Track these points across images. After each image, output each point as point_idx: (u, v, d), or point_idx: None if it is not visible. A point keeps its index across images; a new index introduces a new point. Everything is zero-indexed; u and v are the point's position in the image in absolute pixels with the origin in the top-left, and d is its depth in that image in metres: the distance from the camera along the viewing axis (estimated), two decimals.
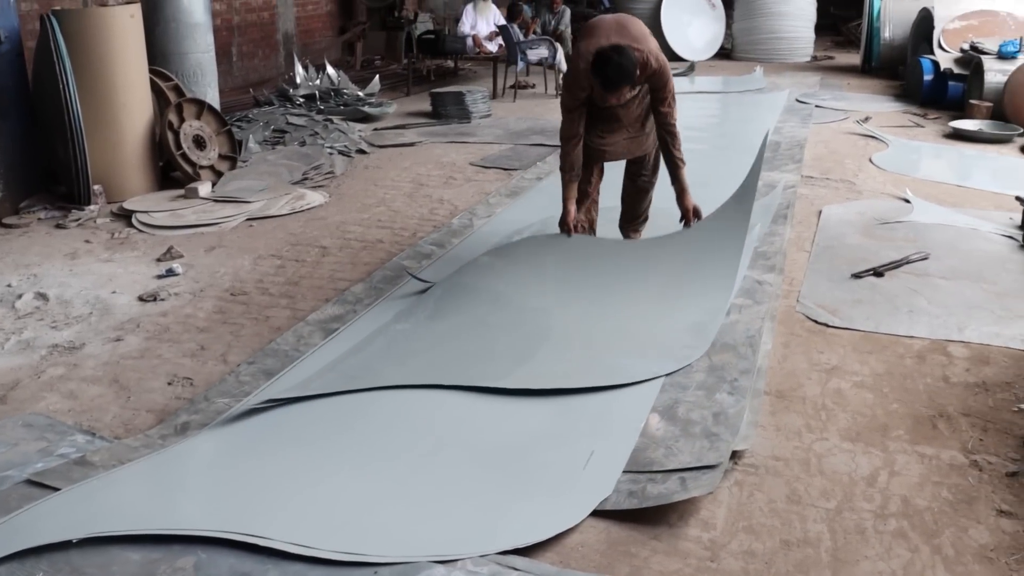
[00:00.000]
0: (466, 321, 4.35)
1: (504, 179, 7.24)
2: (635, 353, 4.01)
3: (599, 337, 4.19)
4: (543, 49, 11.49)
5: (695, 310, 4.38)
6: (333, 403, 3.60)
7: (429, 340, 4.19)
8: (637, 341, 4.14)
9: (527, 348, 4.07)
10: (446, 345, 4.12)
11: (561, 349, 4.08)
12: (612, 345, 4.10)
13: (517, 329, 4.25)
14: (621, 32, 4.56)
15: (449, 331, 4.27)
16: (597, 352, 4.04)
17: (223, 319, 4.57)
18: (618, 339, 4.16)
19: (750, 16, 15.03)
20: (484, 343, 4.13)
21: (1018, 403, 3.64)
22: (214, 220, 6.14)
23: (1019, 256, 5.39)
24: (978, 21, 11.02)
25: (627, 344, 4.11)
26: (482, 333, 4.23)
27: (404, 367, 3.90)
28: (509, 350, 4.05)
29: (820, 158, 7.84)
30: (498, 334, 4.21)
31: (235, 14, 11.65)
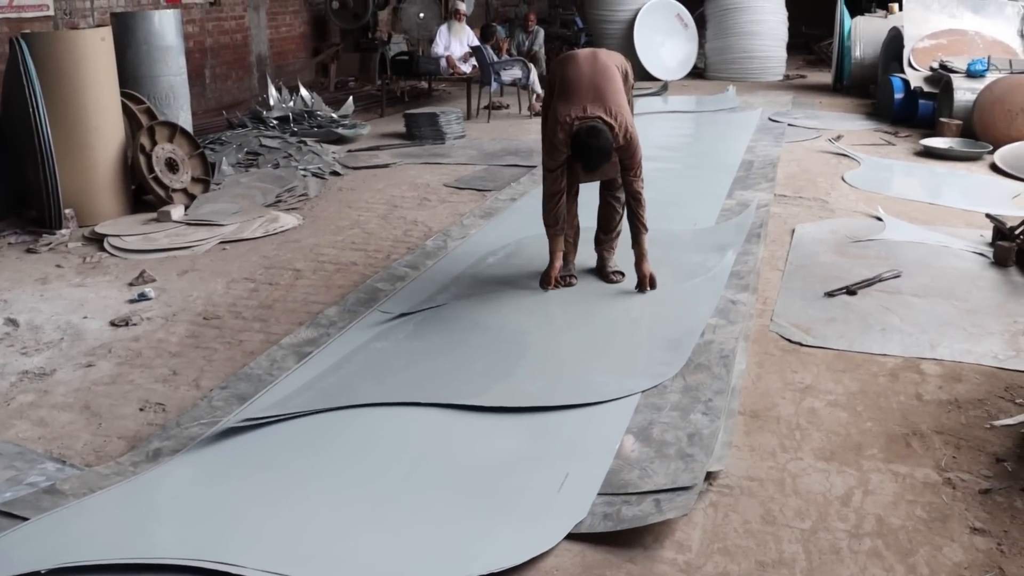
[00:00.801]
0: (444, 340, 4.42)
1: (478, 200, 7.24)
2: (610, 371, 4.06)
3: (575, 355, 4.27)
4: (516, 70, 11.52)
5: (671, 328, 4.48)
6: (307, 426, 3.59)
7: (407, 359, 4.24)
8: (612, 359, 4.22)
9: (504, 366, 4.14)
10: (424, 364, 4.16)
11: (538, 367, 4.15)
12: (588, 363, 4.16)
13: (495, 348, 4.33)
14: (598, 97, 4.69)
15: (427, 350, 4.32)
16: (573, 370, 4.09)
17: (196, 344, 4.53)
18: (594, 356, 4.23)
19: (722, 36, 15.14)
20: (462, 362, 4.18)
21: (990, 420, 3.66)
22: (187, 243, 6.10)
23: (989, 273, 5.44)
24: (947, 40, 11.15)
25: (603, 362, 4.17)
26: (460, 352, 4.29)
27: (383, 385, 3.93)
28: (487, 368, 4.11)
29: (793, 176, 7.89)
30: (476, 352, 4.28)
31: (208, 36, 11.63)
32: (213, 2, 11.68)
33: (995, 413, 3.72)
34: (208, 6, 11.60)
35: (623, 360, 4.22)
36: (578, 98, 4.69)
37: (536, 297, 4.84)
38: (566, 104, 4.70)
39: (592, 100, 4.68)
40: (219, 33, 11.88)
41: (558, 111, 4.70)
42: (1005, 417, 3.68)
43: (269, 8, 12.96)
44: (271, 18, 13.03)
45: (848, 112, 11.68)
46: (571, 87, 4.76)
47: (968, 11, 11.75)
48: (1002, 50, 10.90)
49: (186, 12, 11.04)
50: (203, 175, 7.23)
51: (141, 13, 8.27)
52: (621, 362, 4.19)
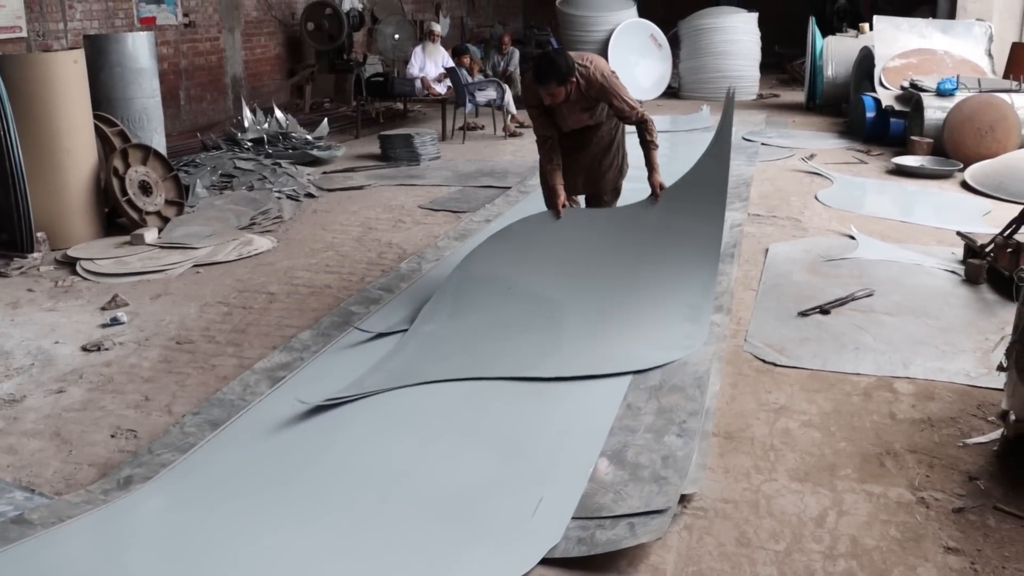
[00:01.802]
0: (485, 319, 4.74)
1: (453, 222, 7.24)
2: (645, 344, 4.51)
3: (610, 330, 4.64)
4: (491, 91, 11.54)
5: (688, 291, 4.90)
6: (280, 450, 3.58)
7: (457, 341, 4.59)
8: (644, 332, 4.64)
9: (549, 342, 4.53)
10: (475, 345, 4.54)
11: (579, 342, 4.54)
12: (624, 337, 4.58)
13: (534, 324, 4.67)
14: (580, 56, 5.07)
15: (472, 331, 4.67)
16: (611, 345, 4.51)
17: (168, 368, 4.50)
18: (628, 331, 4.64)
19: (696, 56, 15.22)
20: (508, 342, 4.54)
21: (963, 438, 3.68)
22: (160, 267, 6.07)
23: (961, 291, 5.48)
24: (917, 59, 11.26)
25: (637, 335, 4.60)
26: (503, 332, 4.63)
27: (446, 363, 4.34)
28: (533, 346, 4.48)
29: (766, 196, 7.94)
30: (517, 332, 4.62)
31: (182, 58, 11.61)
32: (188, 24, 11.67)
33: (967, 431, 3.74)
34: (183, 28, 11.58)
35: (654, 334, 4.62)
36: None
37: (561, 260, 4.99)
38: None
39: (575, 57, 5.03)
40: (194, 55, 11.86)
41: None
42: (977, 435, 3.70)
43: (244, 30, 12.95)
44: (246, 40, 13.03)
45: (821, 131, 11.76)
46: None
47: (937, 31, 11.88)
48: (971, 69, 11.02)
49: (161, 34, 11.02)
50: (177, 198, 7.20)
51: (114, 35, 8.24)
52: (652, 335, 4.60)
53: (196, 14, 11.86)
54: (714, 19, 15.34)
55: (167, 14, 11.28)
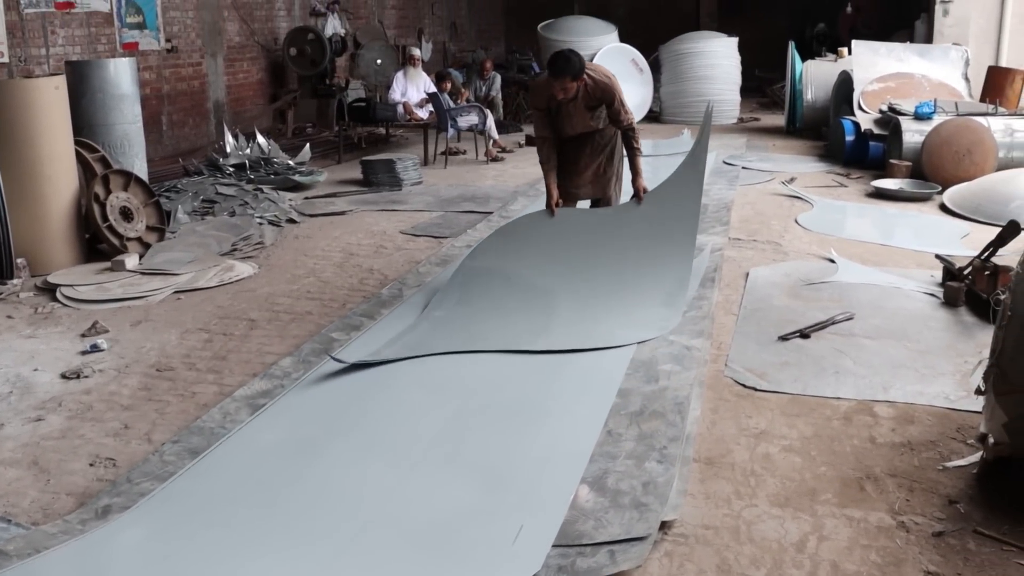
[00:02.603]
0: (487, 304, 5.35)
1: (435, 247, 7.24)
2: (625, 324, 5.10)
3: (595, 312, 5.23)
4: (473, 116, 11.57)
5: (665, 281, 5.50)
6: (260, 481, 3.57)
7: (462, 322, 5.21)
8: (626, 313, 5.23)
9: (542, 323, 5.12)
10: (477, 325, 5.14)
11: (567, 323, 5.13)
12: (606, 317, 5.18)
13: (529, 307, 5.28)
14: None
15: (476, 313, 5.28)
16: (595, 324, 5.10)
17: (148, 396, 4.48)
18: (610, 313, 5.22)
19: (677, 80, 15.31)
20: (506, 320, 5.14)
21: (942, 462, 3.70)
22: (141, 293, 6.05)
23: (940, 313, 5.51)
24: (895, 83, 11.37)
25: (618, 316, 5.19)
26: (502, 314, 5.23)
27: (453, 338, 4.97)
28: (528, 323, 5.10)
29: (747, 220, 7.97)
30: (514, 314, 5.22)
31: (165, 83, 11.60)
32: (170, 49, 11.67)
33: (947, 454, 3.76)
34: (165, 53, 11.58)
35: (634, 315, 5.22)
36: None
37: (555, 252, 5.57)
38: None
39: None
40: (176, 80, 11.85)
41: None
42: (957, 458, 3.72)
43: (227, 55, 12.96)
44: (228, 65, 13.03)
45: (801, 154, 11.83)
46: None
47: (915, 55, 12.00)
48: (948, 92, 11.13)
49: (143, 59, 11.02)
50: (158, 224, 7.20)
51: (96, 61, 8.25)
52: (633, 317, 5.20)
53: (179, 39, 11.86)
54: (694, 44, 15.44)
55: (150, 39, 11.28)
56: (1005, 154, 9.37)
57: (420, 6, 19.29)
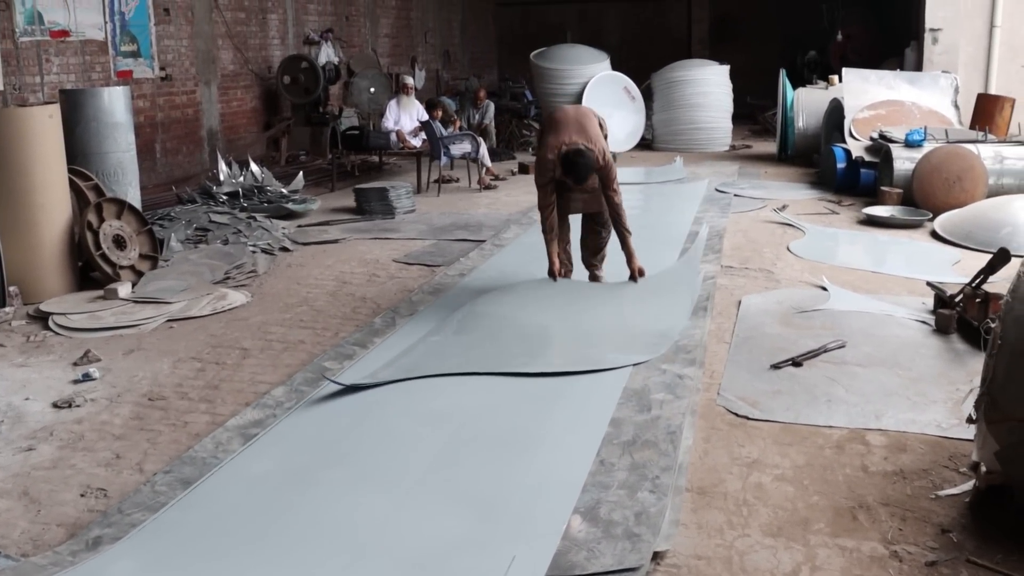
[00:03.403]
0: (484, 335, 5.54)
1: (427, 276, 7.24)
2: (617, 350, 5.27)
3: (587, 340, 5.46)
4: (466, 144, 11.60)
5: (658, 320, 5.74)
6: (251, 510, 3.56)
7: (460, 347, 5.37)
8: (617, 341, 5.47)
9: (536, 348, 5.32)
10: (474, 350, 5.28)
11: (563, 349, 5.39)
12: (598, 345, 5.39)
13: (525, 335, 5.52)
14: (581, 131, 5.93)
15: (473, 340, 5.47)
16: (587, 350, 5.30)
17: (140, 425, 4.47)
18: (603, 341, 5.45)
19: (669, 108, 15.38)
20: (503, 347, 5.32)
21: (935, 490, 3.70)
22: (133, 322, 6.05)
23: (932, 341, 5.52)
24: (885, 111, 11.44)
25: (610, 344, 5.41)
26: (499, 340, 5.43)
27: (448, 361, 5.08)
28: (524, 349, 5.27)
29: (739, 247, 8.00)
30: (511, 340, 5.43)
31: (159, 111, 11.65)
32: (165, 77, 11.72)
33: (940, 483, 3.76)
34: (160, 81, 11.63)
35: (625, 341, 5.45)
36: (565, 132, 5.92)
37: (552, 303, 5.96)
38: (555, 136, 5.93)
39: (576, 133, 5.91)
40: (170, 108, 11.90)
41: (548, 141, 5.96)
42: (950, 487, 3.72)
43: (221, 83, 13.02)
44: (222, 93, 13.08)
45: (793, 181, 11.88)
46: (559, 124, 6.03)
47: (905, 83, 12.09)
48: (938, 120, 11.20)
49: (137, 87, 11.06)
50: (151, 252, 7.20)
51: (90, 90, 8.28)
52: (624, 343, 5.42)
53: (173, 67, 11.92)
54: (686, 72, 15.52)
55: (144, 68, 11.33)
56: (995, 181, 9.42)
57: (413, 34, 19.41)
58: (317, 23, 15.42)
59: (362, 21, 17.22)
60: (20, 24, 9.32)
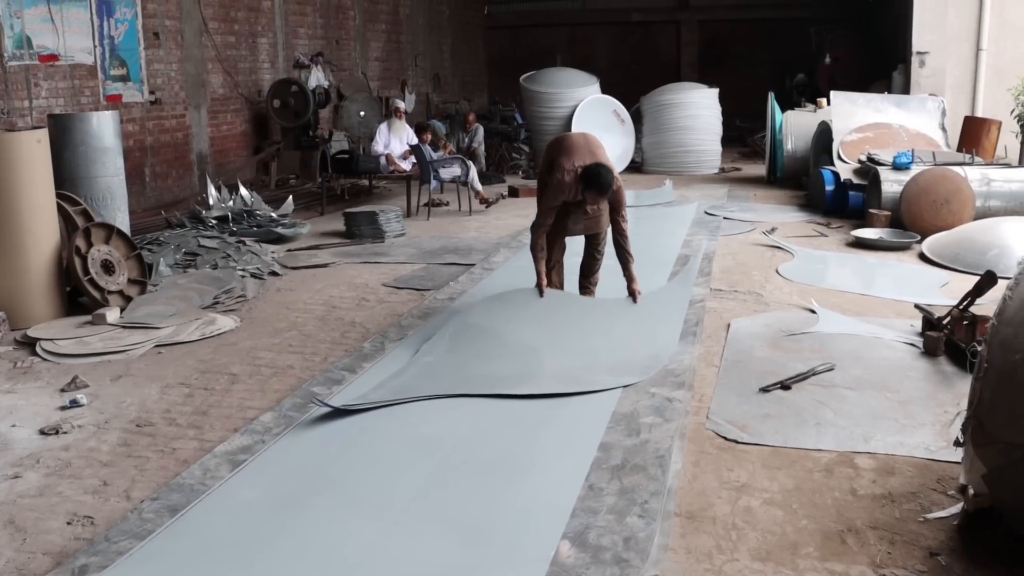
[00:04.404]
0: (475, 354, 5.60)
1: (417, 300, 7.23)
2: (607, 372, 5.31)
3: (578, 362, 5.48)
4: (456, 167, 11.62)
5: (650, 346, 5.76)
6: (240, 539, 3.54)
7: (450, 368, 5.43)
8: (607, 363, 5.47)
9: (527, 370, 5.36)
10: (465, 371, 5.36)
11: (553, 371, 5.36)
12: (590, 367, 5.40)
13: (516, 356, 5.54)
14: (592, 155, 6.04)
15: (464, 361, 5.51)
16: (579, 373, 5.31)
17: (128, 452, 4.45)
18: (593, 362, 5.48)
19: (658, 131, 15.44)
20: (493, 368, 5.37)
21: (923, 513, 3.70)
22: (122, 347, 6.03)
23: (920, 363, 5.54)
24: (873, 133, 11.50)
25: (600, 365, 5.42)
26: (490, 361, 5.49)
27: (438, 383, 5.14)
28: (514, 371, 5.33)
29: (728, 270, 8.02)
30: (502, 361, 5.47)
31: (148, 135, 11.66)
32: (154, 101, 11.74)
33: (928, 506, 3.77)
34: (149, 105, 11.65)
35: (616, 364, 5.44)
36: (579, 155, 6.00)
37: (542, 319, 5.96)
38: (569, 159, 5.98)
39: (589, 157, 6.00)
40: (160, 132, 11.91)
41: (561, 163, 5.97)
42: (938, 509, 3.72)
43: (210, 107, 13.04)
44: (212, 116, 13.11)
45: (782, 204, 11.93)
46: (572, 149, 6.08)
47: (892, 105, 12.17)
48: (925, 142, 11.27)
49: (127, 111, 11.07)
50: (140, 277, 7.19)
51: (79, 115, 8.27)
52: (615, 365, 5.42)
53: (162, 91, 11.94)
54: (676, 95, 15.59)
55: (133, 92, 11.36)
56: (982, 203, 9.49)
57: (404, 58, 19.49)
58: (307, 47, 15.47)
59: (352, 45, 17.29)
60: (9, 48, 9.34)
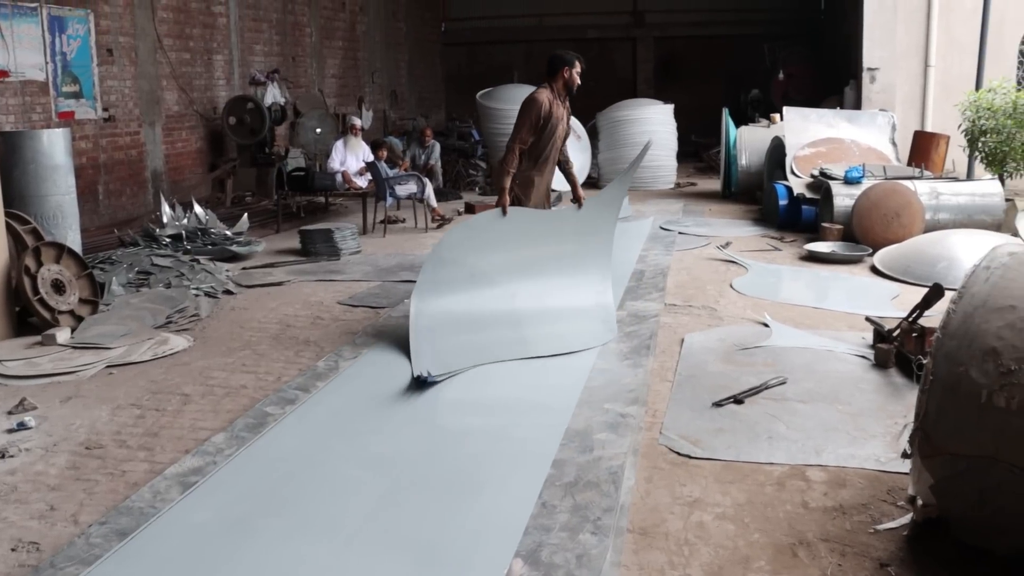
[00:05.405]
0: (461, 310, 6.34)
1: (372, 318, 7.21)
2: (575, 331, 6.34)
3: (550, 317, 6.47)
4: (412, 184, 11.60)
5: (594, 279, 6.91)
6: (189, 563, 3.53)
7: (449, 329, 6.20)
8: (572, 334, 6.31)
9: (514, 329, 6.30)
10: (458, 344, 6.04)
11: (533, 331, 6.32)
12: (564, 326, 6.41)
13: (498, 315, 6.39)
14: None
15: (455, 325, 6.24)
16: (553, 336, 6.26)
17: (76, 476, 4.39)
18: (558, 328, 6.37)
19: (614, 146, 15.51)
20: (484, 335, 6.18)
21: (874, 524, 3.74)
22: (72, 368, 5.95)
23: (871, 375, 5.60)
24: (826, 148, 11.66)
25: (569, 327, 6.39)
26: (476, 325, 6.29)
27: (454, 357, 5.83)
28: (503, 334, 6.22)
29: (683, 285, 8.07)
30: (486, 326, 6.29)
31: (102, 152, 11.54)
32: (108, 118, 11.63)
33: (878, 517, 3.80)
34: (103, 122, 11.54)
35: (578, 334, 6.32)
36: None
37: (511, 259, 6.61)
38: (539, 92, 6.67)
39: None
40: (113, 149, 11.79)
41: (532, 96, 6.64)
42: (888, 520, 3.76)
43: (165, 124, 12.95)
44: (167, 134, 13.01)
45: (736, 218, 12.03)
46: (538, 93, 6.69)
47: (844, 121, 12.34)
48: (876, 157, 11.44)
49: (79, 128, 10.97)
50: (91, 296, 7.10)
51: (29, 132, 8.18)
52: (577, 333, 6.32)
53: (116, 108, 11.83)
54: (631, 111, 15.71)
55: (86, 109, 11.24)
56: (932, 216, 9.64)
57: (360, 75, 19.46)
58: (263, 63, 15.41)
59: (309, 61, 17.25)
60: None
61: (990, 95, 11.03)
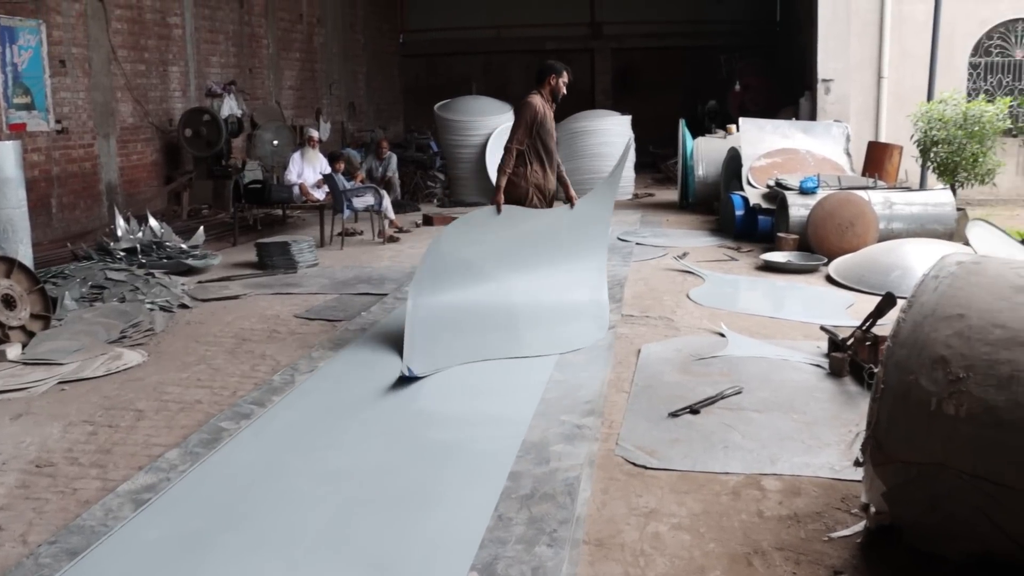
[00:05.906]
0: (459, 304, 6.59)
1: (329, 331, 7.17)
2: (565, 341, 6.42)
3: (543, 323, 6.70)
4: (368, 196, 11.56)
5: (588, 277, 7.35)
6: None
7: (445, 322, 6.43)
8: (563, 333, 6.52)
9: (508, 327, 6.56)
10: (455, 337, 6.33)
11: (526, 332, 6.54)
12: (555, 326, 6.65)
13: (494, 311, 6.70)
14: None
15: (453, 319, 6.49)
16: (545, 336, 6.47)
17: (25, 495, 4.31)
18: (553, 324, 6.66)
19: (572, 158, 15.49)
20: (481, 333, 6.41)
21: (828, 532, 3.76)
22: (22, 385, 5.85)
23: (826, 384, 5.65)
24: (781, 159, 11.78)
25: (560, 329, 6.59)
26: (474, 321, 6.55)
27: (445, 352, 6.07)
28: (497, 331, 6.47)
29: (640, 296, 8.10)
30: (484, 323, 6.55)
31: (55, 165, 11.41)
32: (61, 130, 11.49)
33: (833, 525, 3.83)
34: (56, 134, 11.40)
35: (569, 332, 6.54)
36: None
37: (507, 256, 7.00)
38: (532, 97, 7.23)
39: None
40: (67, 161, 11.66)
41: (526, 100, 7.22)
42: (842, 528, 3.79)
43: (120, 136, 12.83)
44: (122, 146, 12.89)
45: (694, 229, 12.10)
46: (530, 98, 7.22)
47: (799, 131, 12.47)
48: (831, 167, 11.57)
49: (31, 140, 10.84)
50: (43, 311, 7.00)
51: None
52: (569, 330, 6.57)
53: (69, 120, 11.70)
54: (589, 122, 15.76)
55: (38, 120, 11.11)
56: (885, 226, 9.76)
57: (318, 86, 19.41)
58: (220, 75, 15.32)
59: (266, 73, 17.17)
60: None
61: (941, 106, 11.22)
